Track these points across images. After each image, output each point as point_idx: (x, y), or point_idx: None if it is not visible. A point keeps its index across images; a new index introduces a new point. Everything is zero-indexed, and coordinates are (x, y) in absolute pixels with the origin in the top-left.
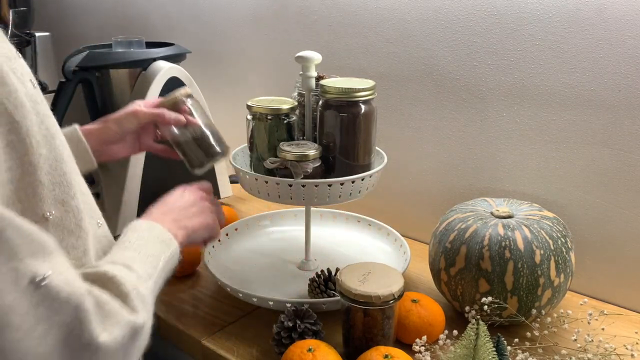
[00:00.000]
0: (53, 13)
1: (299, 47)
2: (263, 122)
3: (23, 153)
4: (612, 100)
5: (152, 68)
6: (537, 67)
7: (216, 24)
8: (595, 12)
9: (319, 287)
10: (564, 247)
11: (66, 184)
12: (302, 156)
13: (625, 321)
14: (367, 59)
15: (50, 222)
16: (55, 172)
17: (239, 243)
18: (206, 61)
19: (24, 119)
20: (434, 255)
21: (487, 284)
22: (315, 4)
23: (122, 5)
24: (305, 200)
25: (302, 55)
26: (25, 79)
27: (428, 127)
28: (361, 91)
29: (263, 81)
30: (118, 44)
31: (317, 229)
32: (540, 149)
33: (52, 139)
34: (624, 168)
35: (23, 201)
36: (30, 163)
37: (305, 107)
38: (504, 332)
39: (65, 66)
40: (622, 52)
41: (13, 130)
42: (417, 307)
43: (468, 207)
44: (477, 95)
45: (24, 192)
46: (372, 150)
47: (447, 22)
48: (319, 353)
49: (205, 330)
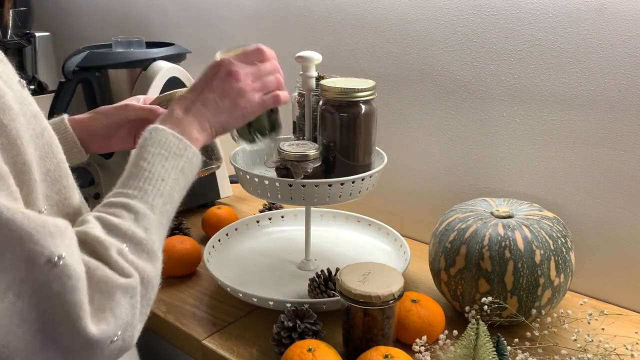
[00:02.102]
0: (53, 13)
1: (299, 47)
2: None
3: (15, 154)
4: (612, 100)
5: (152, 68)
6: (537, 67)
7: (216, 24)
8: (595, 12)
9: (319, 287)
10: (564, 247)
11: (50, 180)
12: (302, 156)
13: (625, 321)
14: (367, 59)
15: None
16: (40, 169)
17: (239, 243)
18: (206, 61)
19: (12, 121)
20: (434, 255)
21: (487, 284)
22: (315, 4)
23: (122, 5)
24: (305, 200)
25: (302, 55)
26: (13, 82)
27: (428, 127)
28: (361, 91)
29: None
30: (118, 44)
31: (317, 229)
32: (540, 149)
33: (37, 138)
34: (624, 168)
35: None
36: (24, 162)
37: (305, 107)
38: (504, 332)
39: (65, 66)
40: (622, 52)
41: (2, 134)
42: (417, 307)
43: (468, 207)
44: (477, 95)
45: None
46: (372, 150)
47: (447, 22)
48: (319, 353)
49: (205, 330)
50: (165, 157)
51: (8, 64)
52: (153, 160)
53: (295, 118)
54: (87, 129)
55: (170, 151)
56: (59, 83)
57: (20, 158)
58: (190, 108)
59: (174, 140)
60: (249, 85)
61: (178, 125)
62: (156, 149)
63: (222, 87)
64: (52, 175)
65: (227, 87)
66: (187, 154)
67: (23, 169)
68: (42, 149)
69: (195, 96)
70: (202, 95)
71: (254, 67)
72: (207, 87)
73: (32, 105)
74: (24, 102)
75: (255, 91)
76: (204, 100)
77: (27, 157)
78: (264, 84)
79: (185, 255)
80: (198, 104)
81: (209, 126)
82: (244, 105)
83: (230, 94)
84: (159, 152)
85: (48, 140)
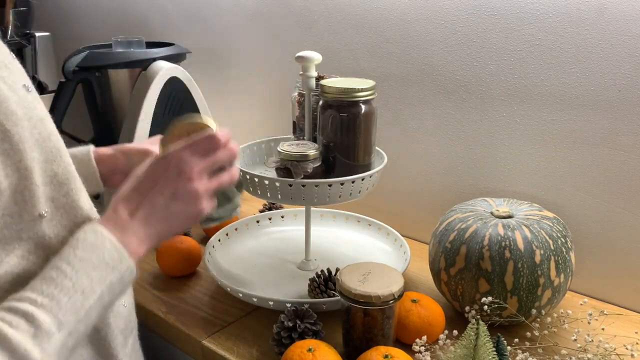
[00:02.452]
0: (53, 13)
1: (299, 47)
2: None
3: (18, 159)
4: (612, 100)
5: (152, 68)
6: (537, 67)
7: (216, 24)
8: (595, 12)
9: (319, 287)
10: (564, 247)
11: (56, 183)
12: (302, 156)
13: (625, 321)
14: (367, 59)
15: (45, 220)
16: (45, 172)
17: (239, 243)
18: (206, 61)
19: (15, 126)
20: (434, 255)
21: (487, 284)
22: (315, 4)
23: (122, 5)
24: (305, 200)
25: (302, 55)
26: (17, 86)
27: (428, 127)
28: (361, 91)
29: (263, 81)
30: (118, 44)
31: (317, 229)
32: (540, 149)
33: (43, 142)
34: (624, 168)
35: (19, 203)
36: (25, 168)
37: (305, 107)
38: (504, 332)
39: (65, 66)
40: (622, 52)
41: (6, 139)
42: (417, 307)
43: (468, 207)
44: (477, 95)
45: (20, 195)
46: (372, 150)
47: (447, 22)
48: (319, 353)
49: (205, 330)
50: (94, 265)
51: (14, 67)
52: (78, 266)
53: (295, 118)
54: (109, 166)
55: (102, 260)
56: (59, 83)
57: (22, 163)
58: (136, 212)
59: (109, 248)
60: (203, 185)
61: (120, 230)
62: (86, 254)
63: (172, 189)
64: (59, 178)
65: (179, 188)
66: (121, 267)
67: (25, 174)
68: (50, 152)
69: (142, 197)
70: (149, 197)
71: (207, 159)
72: (155, 187)
73: (37, 109)
74: (28, 105)
75: (209, 190)
76: (152, 203)
77: (29, 162)
78: (219, 179)
79: (185, 255)
80: (146, 208)
81: (155, 234)
82: (195, 208)
83: (181, 197)
84: (88, 258)
85: (55, 144)
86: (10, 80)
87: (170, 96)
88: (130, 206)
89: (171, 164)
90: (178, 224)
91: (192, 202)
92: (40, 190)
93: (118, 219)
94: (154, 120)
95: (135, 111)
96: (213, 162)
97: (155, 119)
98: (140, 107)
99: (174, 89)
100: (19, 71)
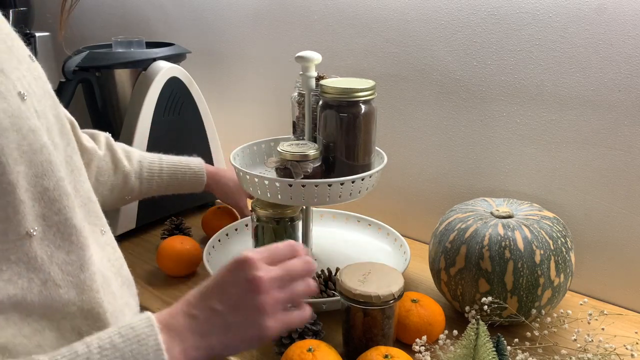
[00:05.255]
0: (53, 13)
1: (299, 47)
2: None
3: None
4: (612, 100)
5: (152, 68)
6: (537, 67)
7: (216, 24)
8: (595, 12)
9: (318, 287)
10: (564, 247)
11: (47, 200)
12: (302, 156)
13: (625, 321)
14: (367, 59)
15: (34, 239)
16: (34, 188)
17: (239, 243)
18: (206, 61)
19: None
20: (434, 255)
21: (487, 284)
22: (315, 4)
23: (122, 5)
24: (305, 200)
25: (302, 55)
26: (10, 94)
27: (428, 127)
28: (361, 91)
29: (263, 81)
30: (118, 44)
31: (317, 229)
32: (540, 149)
33: (33, 155)
34: (624, 168)
35: (3, 221)
36: (8, 182)
37: (305, 107)
38: (504, 332)
39: (65, 66)
40: (622, 52)
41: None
42: (417, 307)
43: (468, 207)
44: (477, 95)
45: (4, 212)
46: (372, 150)
47: (447, 22)
48: (319, 353)
49: None
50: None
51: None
52: (106, 354)
53: (295, 118)
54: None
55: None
56: (59, 83)
57: (4, 177)
58: (193, 318)
59: (151, 350)
60: (272, 298)
61: (171, 332)
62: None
63: (235, 299)
64: (50, 194)
65: (242, 299)
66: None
67: (8, 189)
68: (40, 166)
69: (204, 303)
70: (210, 303)
71: (281, 268)
72: (220, 294)
73: (30, 120)
74: (20, 115)
75: (277, 308)
76: (211, 309)
77: (13, 176)
78: (290, 293)
79: (185, 255)
80: (203, 314)
81: (207, 347)
82: (257, 324)
83: (242, 308)
84: (122, 349)
85: (47, 157)
86: (3, 87)
87: (170, 96)
88: (190, 310)
89: (245, 269)
90: (235, 340)
91: (255, 315)
92: (27, 206)
93: (175, 320)
94: (154, 120)
95: (135, 111)
96: (288, 270)
97: (155, 119)
98: (140, 107)
99: (174, 89)
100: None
